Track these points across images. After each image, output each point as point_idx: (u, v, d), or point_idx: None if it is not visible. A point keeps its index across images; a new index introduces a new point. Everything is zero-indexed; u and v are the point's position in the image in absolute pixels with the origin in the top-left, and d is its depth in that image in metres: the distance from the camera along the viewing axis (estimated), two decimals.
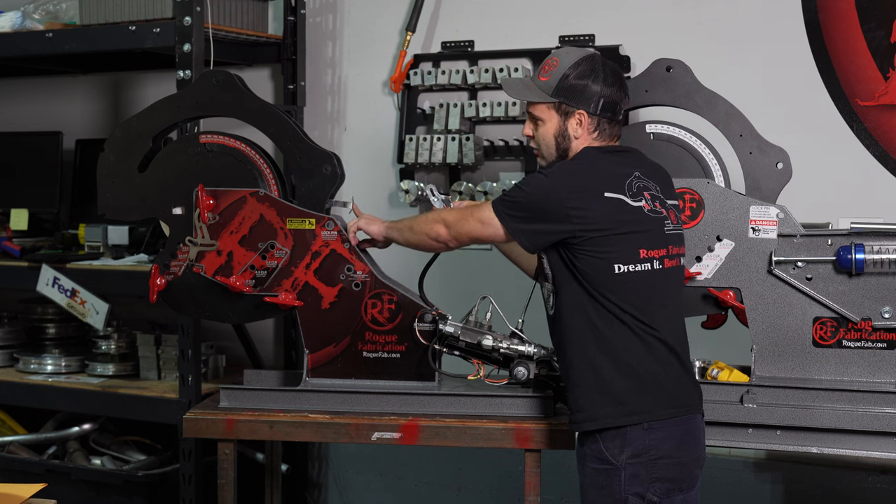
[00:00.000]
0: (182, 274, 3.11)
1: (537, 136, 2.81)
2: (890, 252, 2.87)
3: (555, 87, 2.74)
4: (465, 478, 4.06)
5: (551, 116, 2.77)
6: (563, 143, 2.77)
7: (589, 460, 2.69)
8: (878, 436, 2.86)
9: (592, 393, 2.67)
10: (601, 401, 2.66)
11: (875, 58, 3.45)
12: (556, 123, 2.76)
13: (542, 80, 2.77)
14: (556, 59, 2.77)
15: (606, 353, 2.66)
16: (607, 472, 2.65)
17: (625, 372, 2.66)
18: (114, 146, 3.20)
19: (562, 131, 2.77)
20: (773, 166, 3.04)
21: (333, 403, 3.05)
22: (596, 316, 2.67)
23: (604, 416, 2.66)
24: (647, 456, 2.64)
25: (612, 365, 2.66)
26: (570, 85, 2.73)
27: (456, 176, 3.97)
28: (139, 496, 3.76)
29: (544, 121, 2.78)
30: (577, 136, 2.76)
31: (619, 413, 2.65)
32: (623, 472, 2.63)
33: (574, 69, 2.73)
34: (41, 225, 4.34)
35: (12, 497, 2.32)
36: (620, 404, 2.65)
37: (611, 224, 2.65)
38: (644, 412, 2.65)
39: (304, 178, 3.10)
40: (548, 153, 2.80)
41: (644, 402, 2.65)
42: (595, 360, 2.67)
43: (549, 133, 2.78)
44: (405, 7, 4.04)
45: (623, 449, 2.64)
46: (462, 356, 3.03)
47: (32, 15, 3.91)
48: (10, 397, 4.02)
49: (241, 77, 3.13)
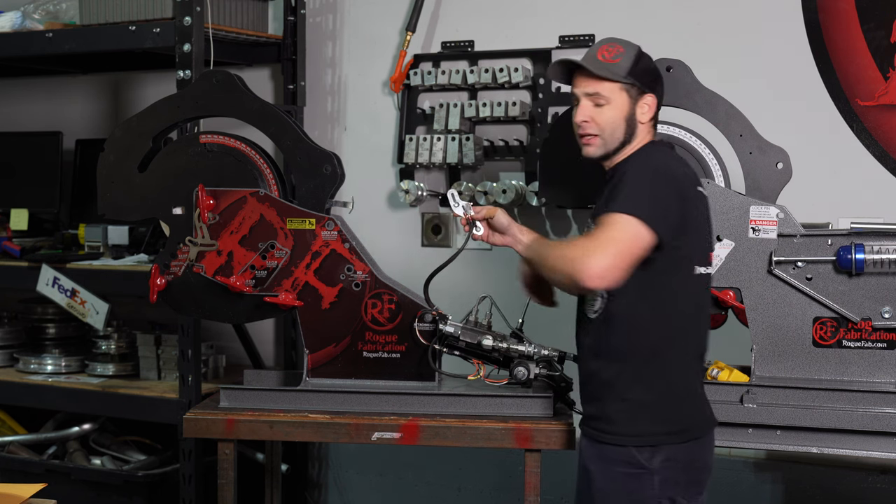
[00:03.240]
0: (182, 274, 3.11)
1: (601, 119, 2.66)
2: (890, 252, 2.87)
3: (628, 69, 2.64)
4: (465, 478, 4.06)
5: (621, 98, 2.65)
6: (631, 127, 2.67)
7: (615, 464, 2.64)
8: (878, 436, 2.86)
9: (637, 408, 2.63)
10: (645, 416, 2.63)
11: (875, 58, 3.45)
12: (627, 106, 2.65)
13: (611, 62, 2.64)
14: (615, 45, 2.66)
15: (656, 366, 2.62)
16: (639, 476, 2.62)
17: (673, 389, 2.64)
18: (114, 146, 3.20)
19: (630, 115, 2.66)
20: (773, 166, 3.04)
21: (333, 403, 3.05)
22: (653, 324, 2.61)
23: (649, 434, 2.62)
24: (679, 460, 2.63)
25: (661, 380, 2.63)
26: (643, 69, 2.66)
27: (456, 176, 3.97)
28: (139, 496, 3.76)
29: (612, 103, 2.65)
30: (644, 121, 2.68)
31: (662, 431, 2.62)
32: (656, 477, 2.61)
33: (642, 56, 2.67)
34: (41, 225, 4.34)
35: (12, 497, 2.32)
36: (664, 422, 2.63)
37: (700, 220, 2.64)
38: (685, 431, 2.65)
39: (305, 178, 3.10)
40: (611, 138, 2.67)
41: (685, 419, 2.66)
42: (642, 374, 2.62)
43: (618, 116, 2.65)
44: (405, 7, 4.04)
45: (655, 454, 2.62)
46: (462, 356, 3.03)
47: (32, 15, 3.91)
48: (10, 397, 4.02)
49: (241, 77, 3.13)
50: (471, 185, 3.89)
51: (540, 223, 3.89)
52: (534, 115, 3.83)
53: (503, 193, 3.81)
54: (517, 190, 3.81)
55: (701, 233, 2.67)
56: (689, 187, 2.63)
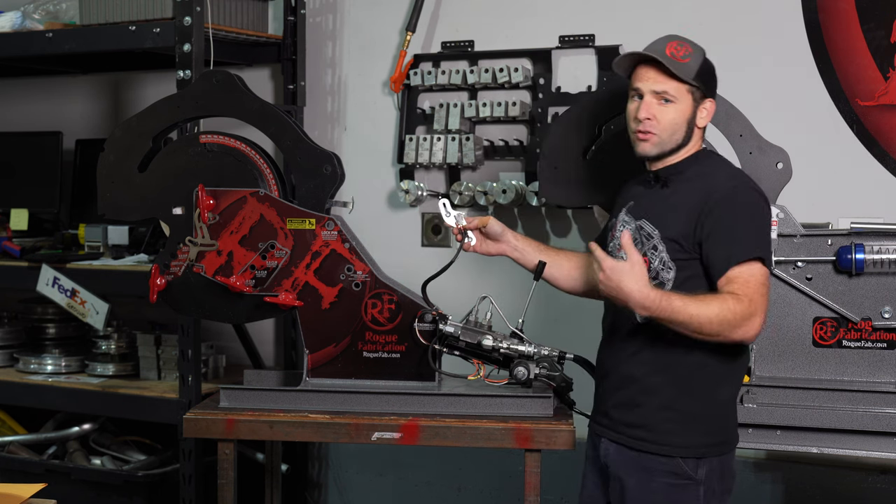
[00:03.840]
0: (182, 274, 3.11)
1: (664, 118, 2.62)
2: (890, 252, 2.87)
3: (697, 70, 2.61)
4: (465, 478, 4.06)
5: (687, 100, 2.62)
6: (690, 130, 2.65)
7: (659, 475, 2.63)
8: (878, 436, 2.86)
9: (687, 419, 2.63)
10: (693, 428, 2.63)
11: (875, 58, 3.45)
12: (690, 108, 2.63)
13: (681, 61, 2.60)
14: (685, 44, 2.63)
15: (707, 377, 2.62)
16: (685, 486, 2.62)
17: (718, 399, 2.65)
18: (114, 146, 3.20)
19: (692, 117, 2.65)
20: (773, 166, 3.03)
21: (333, 403, 3.05)
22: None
23: (697, 446, 2.62)
24: (720, 470, 2.65)
25: (709, 391, 2.63)
26: (708, 72, 2.65)
27: (456, 176, 3.97)
28: (139, 496, 3.76)
29: (678, 102, 2.62)
30: (701, 125, 2.68)
31: (706, 442, 2.63)
32: (702, 487, 2.62)
33: (707, 60, 2.65)
34: (41, 225, 4.34)
35: (12, 497, 2.32)
36: (709, 433, 2.64)
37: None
38: (727, 442, 2.68)
39: (304, 178, 3.10)
40: (670, 139, 2.64)
41: (727, 431, 2.68)
42: (692, 383, 2.62)
43: (682, 116, 2.63)
44: (405, 7, 4.04)
45: (700, 464, 2.62)
46: (462, 356, 3.03)
47: (32, 15, 3.91)
48: (10, 397, 4.02)
49: (241, 77, 3.13)
50: (471, 185, 3.89)
51: (540, 223, 3.89)
52: (534, 115, 3.83)
53: (503, 193, 3.81)
54: (517, 190, 3.81)
55: None
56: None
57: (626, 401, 2.69)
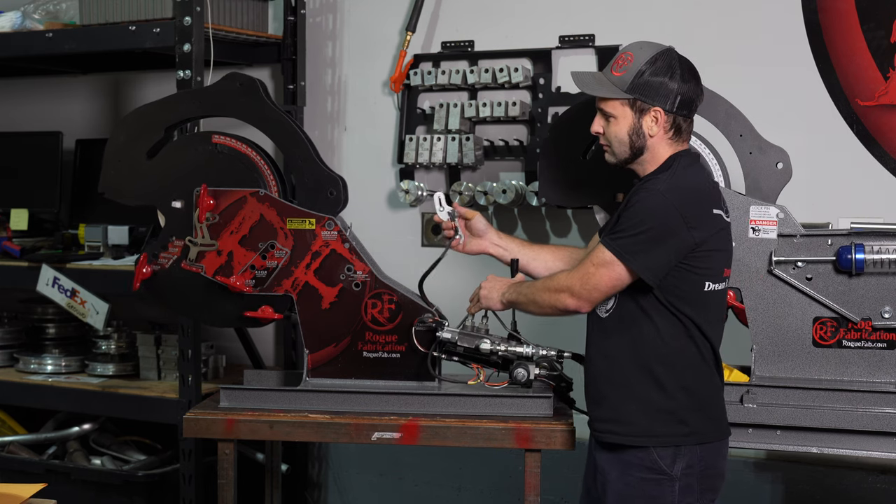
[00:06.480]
0: (168, 267, 3.11)
1: (608, 133, 2.70)
2: (890, 252, 2.87)
3: (630, 83, 2.64)
4: (465, 478, 4.06)
5: (625, 113, 2.66)
6: (638, 141, 2.67)
7: (636, 469, 2.65)
8: (878, 436, 2.86)
9: (650, 408, 2.64)
10: (660, 417, 2.64)
11: (875, 58, 3.45)
12: (631, 121, 2.66)
13: (616, 74, 2.66)
14: (629, 53, 2.67)
15: (670, 368, 2.63)
16: (659, 482, 2.63)
17: (687, 390, 2.64)
18: (126, 128, 3.21)
19: (636, 129, 2.67)
20: (773, 166, 3.04)
21: (333, 403, 3.05)
22: (665, 329, 2.63)
23: (662, 434, 2.63)
24: (699, 467, 2.65)
25: (675, 381, 2.64)
26: (645, 81, 2.63)
27: (456, 176, 3.97)
28: (139, 496, 3.75)
29: (617, 118, 2.67)
30: (653, 133, 2.67)
31: (678, 432, 2.63)
32: (677, 483, 2.63)
33: (650, 65, 2.64)
34: (41, 225, 4.34)
35: (12, 497, 2.32)
36: (680, 423, 2.63)
37: (715, 242, 2.64)
38: (700, 433, 2.66)
39: (308, 197, 3.09)
40: (620, 151, 2.70)
41: (701, 422, 2.66)
42: (656, 374, 2.63)
43: (622, 130, 2.68)
44: (405, 7, 4.04)
45: (676, 460, 2.63)
46: (461, 362, 3.02)
47: (32, 15, 3.91)
48: (10, 397, 4.02)
49: (263, 83, 3.13)
50: (471, 186, 3.89)
51: (540, 223, 3.89)
52: (534, 115, 3.83)
53: (503, 193, 3.81)
54: (517, 190, 3.81)
55: (716, 256, 2.66)
56: (706, 209, 2.62)
57: (595, 395, 2.74)
